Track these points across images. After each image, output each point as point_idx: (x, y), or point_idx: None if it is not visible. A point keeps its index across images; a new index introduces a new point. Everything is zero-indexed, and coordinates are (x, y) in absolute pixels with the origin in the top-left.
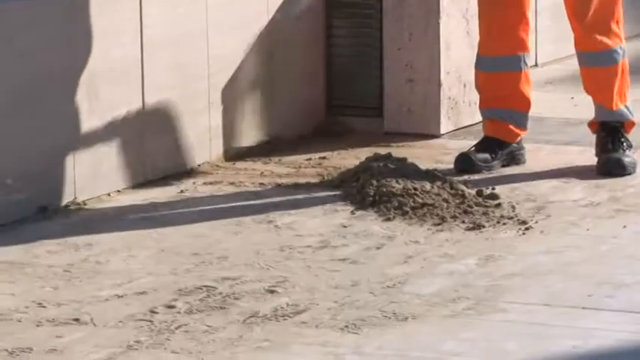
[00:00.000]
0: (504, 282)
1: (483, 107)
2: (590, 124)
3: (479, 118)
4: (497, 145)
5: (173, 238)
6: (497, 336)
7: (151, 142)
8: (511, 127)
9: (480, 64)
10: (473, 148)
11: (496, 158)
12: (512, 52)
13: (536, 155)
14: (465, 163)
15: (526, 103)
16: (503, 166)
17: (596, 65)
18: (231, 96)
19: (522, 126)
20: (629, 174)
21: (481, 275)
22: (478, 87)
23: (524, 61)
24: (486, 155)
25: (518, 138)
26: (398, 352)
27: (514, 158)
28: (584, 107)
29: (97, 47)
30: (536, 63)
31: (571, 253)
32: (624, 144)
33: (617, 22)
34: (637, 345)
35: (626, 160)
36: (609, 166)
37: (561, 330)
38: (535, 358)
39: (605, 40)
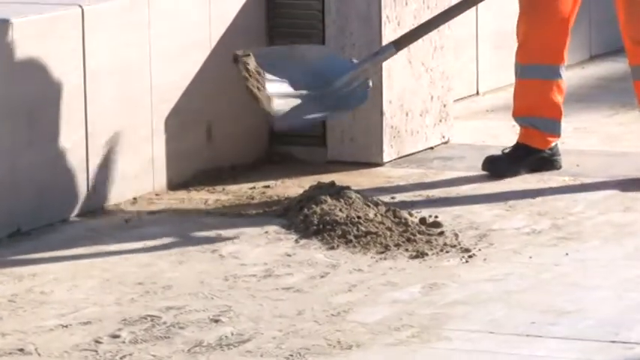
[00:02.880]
0: (448, 310)
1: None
2: None
3: (421, 146)
4: (527, 152)
5: (117, 267)
6: None
7: (94, 172)
8: (543, 133)
9: (516, 71)
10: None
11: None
12: (547, 62)
13: (479, 183)
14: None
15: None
16: (534, 170)
17: None
18: (174, 125)
19: (555, 132)
20: None
21: (425, 303)
22: (514, 94)
23: (558, 72)
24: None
25: (551, 144)
26: None
27: (552, 164)
28: None
29: (39, 76)
30: (477, 91)
31: (514, 281)
32: None
33: None
34: None
35: None
36: None
37: (505, 357)
38: None
39: None
